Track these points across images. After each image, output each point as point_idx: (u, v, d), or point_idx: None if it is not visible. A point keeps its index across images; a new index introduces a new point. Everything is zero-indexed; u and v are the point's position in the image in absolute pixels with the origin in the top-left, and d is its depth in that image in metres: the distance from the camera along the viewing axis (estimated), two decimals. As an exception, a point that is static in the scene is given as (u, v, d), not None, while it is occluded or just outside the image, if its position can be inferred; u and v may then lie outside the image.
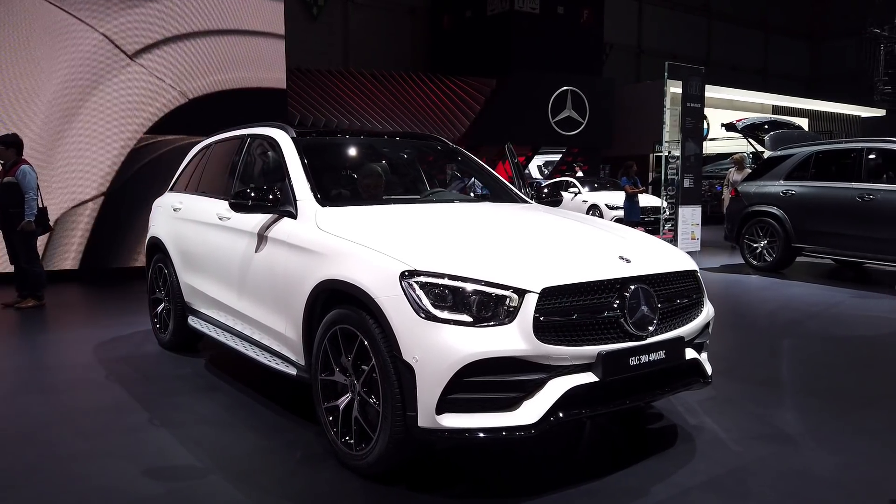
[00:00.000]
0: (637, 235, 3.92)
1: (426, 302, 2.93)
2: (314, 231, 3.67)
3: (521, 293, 2.92)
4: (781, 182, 9.76)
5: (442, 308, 2.92)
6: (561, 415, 2.94)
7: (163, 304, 5.65)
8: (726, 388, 4.55)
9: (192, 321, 5.13)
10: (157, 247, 5.67)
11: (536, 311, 2.90)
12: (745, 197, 10.23)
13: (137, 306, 7.18)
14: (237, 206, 3.99)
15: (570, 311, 3.00)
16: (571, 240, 3.61)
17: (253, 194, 3.93)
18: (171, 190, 5.91)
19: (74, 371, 5.13)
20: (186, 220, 5.22)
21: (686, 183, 9.68)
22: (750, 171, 11.62)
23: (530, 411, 2.90)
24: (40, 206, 7.34)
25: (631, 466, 3.39)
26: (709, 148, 20.37)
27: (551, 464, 3.51)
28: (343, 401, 3.35)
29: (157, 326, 5.75)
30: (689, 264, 3.58)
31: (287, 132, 4.43)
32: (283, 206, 3.95)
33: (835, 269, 10.38)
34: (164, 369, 5.18)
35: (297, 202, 3.92)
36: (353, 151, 4.99)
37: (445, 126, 19.80)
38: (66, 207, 9.53)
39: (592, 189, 17.87)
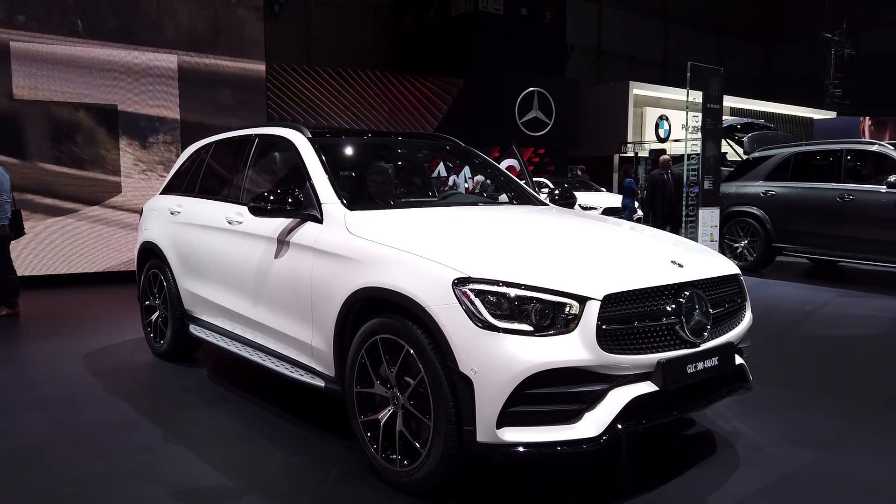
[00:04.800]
0: (679, 239, 3.86)
1: (483, 310, 2.80)
2: (345, 236, 3.50)
3: (583, 300, 2.81)
4: (761, 182, 9.87)
5: (499, 317, 2.80)
6: (620, 426, 2.84)
7: (158, 312, 5.38)
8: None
9: (195, 330, 4.89)
10: (151, 252, 5.39)
11: (599, 318, 2.80)
12: (725, 197, 10.32)
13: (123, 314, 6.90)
14: (256, 210, 3.78)
15: (630, 318, 2.91)
16: (621, 244, 3.52)
17: (272, 198, 3.73)
18: (165, 192, 5.64)
19: (69, 384, 4.84)
20: (187, 225, 4.97)
21: (706, 184, 9.74)
22: None
23: (593, 423, 2.80)
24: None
25: (679, 476, 3.31)
26: (672, 149, 20.56)
27: (599, 476, 3.40)
28: (384, 414, 3.19)
29: (152, 335, 5.47)
30: (732, 268, 3.53)
31: (303, 132, 4.24)
32: (307, 209, 3.77)
33: (811, 268, 10.55)
34: (165, 381, 4.93)
35: (322, 205, 3.74)
36: (370, 152, 4.77)
37: (413, 126, 19.65)
38: None
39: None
